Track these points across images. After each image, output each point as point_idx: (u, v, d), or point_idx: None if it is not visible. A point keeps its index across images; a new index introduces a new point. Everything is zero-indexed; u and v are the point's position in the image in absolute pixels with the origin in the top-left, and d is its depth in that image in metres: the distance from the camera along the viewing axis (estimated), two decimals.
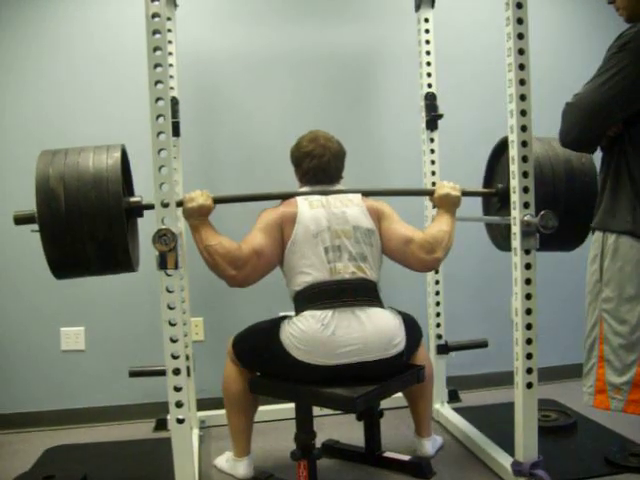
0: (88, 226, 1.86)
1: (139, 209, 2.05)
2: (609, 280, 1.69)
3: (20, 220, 1.94)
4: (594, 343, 1.73)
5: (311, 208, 2.16)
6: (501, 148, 2.40)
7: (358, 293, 2.10)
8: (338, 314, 2.04)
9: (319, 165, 2.25)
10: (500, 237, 2.48)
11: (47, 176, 1.86)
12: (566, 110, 1.73)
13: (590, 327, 1.75)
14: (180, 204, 2.08)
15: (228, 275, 2.06)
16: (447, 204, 2.26)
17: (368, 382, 2.04)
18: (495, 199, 2.44)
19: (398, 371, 2.17)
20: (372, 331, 2.05)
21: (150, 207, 1.98)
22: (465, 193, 2.31)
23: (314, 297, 2.08)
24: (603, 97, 1.62)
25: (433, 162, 2.84)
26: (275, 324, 2.14)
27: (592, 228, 1.79)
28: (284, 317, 2.15)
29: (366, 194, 2.28)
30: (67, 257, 1.90)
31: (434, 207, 2.37)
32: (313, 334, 2.02)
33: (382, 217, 2.24)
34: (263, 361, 2.19)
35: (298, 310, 2.12)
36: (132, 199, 2.05)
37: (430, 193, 2.34)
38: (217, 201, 2.12)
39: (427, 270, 2.36)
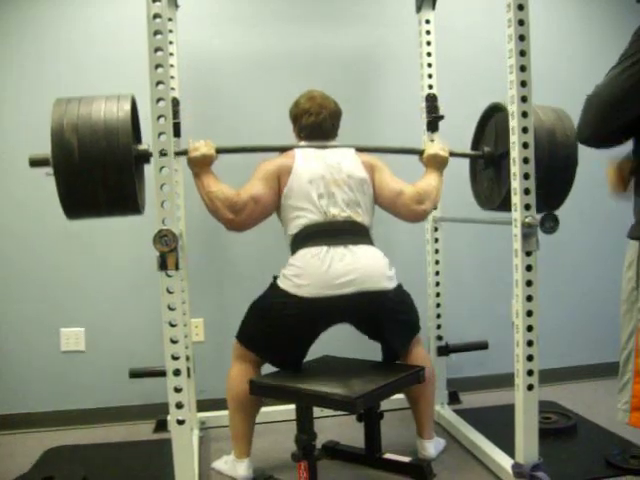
0: (100, 174, 1.95)
1: (146, 156, 2.10)
2: None
3: (35, 162, 2.02)
4: (630, 356, 1.60)
5: (307, 159, 2.30)
6: (489, 113, 2.52)
7: (350, 233, 2.24)
8: (332, 249, 2.17)
9: (316, 121, 2.38)
10: (483, 197, 2.59)
11: (62, 127, 1.95)
12: (585, 105, 1.60)
13: (626, 339, 1.62)
14: (180, 153, 2.23)
15: (227, 219, 2.20)
16: (436, 163, 2.40)
17: (367, 319, 2.22)
18: (481, 161, 2.53)
19: (393, 310, 2.25)
20: (366, 263, 2.18)
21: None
22: (453, 154, 2.44)
23: (309, 237, 2.22)
24: (622, 87, 1.49)
25: None
26: (270, 284, 2.27)
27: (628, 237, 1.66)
28: (276, 277, 2.26)
29: (360, 150, 2.41)
30: (79, 201, 2.01)
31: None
32: (310, 267, 2.14)
33: (375, 169, 2.39)
34: (268, 325, 2.22)
35: (294, 251, 2.24)
36: (140, 147, 2.11)
37: (420, 152, 2.45)
38: (220, 151, 2.24)
39: (416, 220, 2.43)
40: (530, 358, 2.05)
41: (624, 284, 1.63)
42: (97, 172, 1.94)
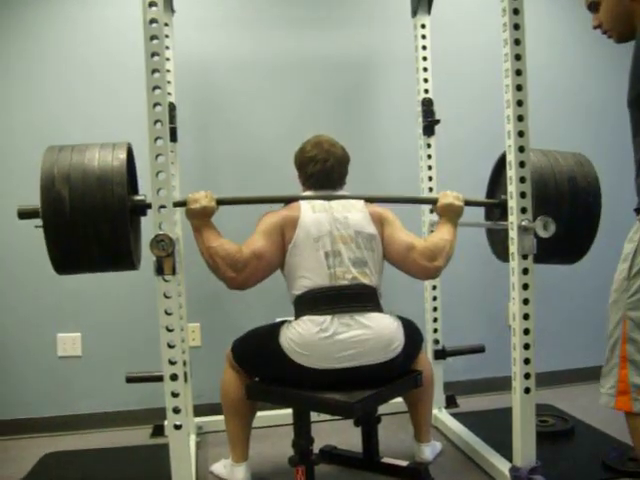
0: (92, 228, 1.85)
1: (143, 208, 2.02)
2: (636, 274, 1.55)
3: (24, 215, 1.93)
4: (616, 343, 1.62)
5: (314, 212, 2.17)
6: (504, 161, 2.40)
7: (357, 299, 2.10)
8: (337, 319, 2.04)
9: (322, 170, 2.26)
10: (500, 247, 2.48)
11: (52, 177, 1.85)
12: None
13: (613, 326, 1.64)
14: (179, 205, 2.10)
15: (228, 277, 2.06)
16: (450, 213, 2.25)
17: (367, 387, 2.04)
18: (497, 210, 2.39)
19: (397, 375, 2.17)
20: (371, 335, 2.05)
21: None
22: (468, 203, 2.30)
23: (313, 302, 2.09)
24: None
25: (430, 167, 2.85)
26: (274, 328, 2.15)
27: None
28: (283, 322, 2.16)
29: (369, 200, 2.28)
30: (70, 256, 1.91)
31: (431, 211, 2.37)
32: (312, 338, 2.02)
33: (385, 223, 2.25)
34: (263, 365, 2.18)
35: (298, 314, 2.12)
36: (136, 198, 2.02)
37: (434, 202, 2.32)
38: (220, 202, 2.11)
39: (427, 278, 2.38)
40: (527, 361, 2.05)
41: (616, 276, 1.65)
42: (89, 226, 1.83)
